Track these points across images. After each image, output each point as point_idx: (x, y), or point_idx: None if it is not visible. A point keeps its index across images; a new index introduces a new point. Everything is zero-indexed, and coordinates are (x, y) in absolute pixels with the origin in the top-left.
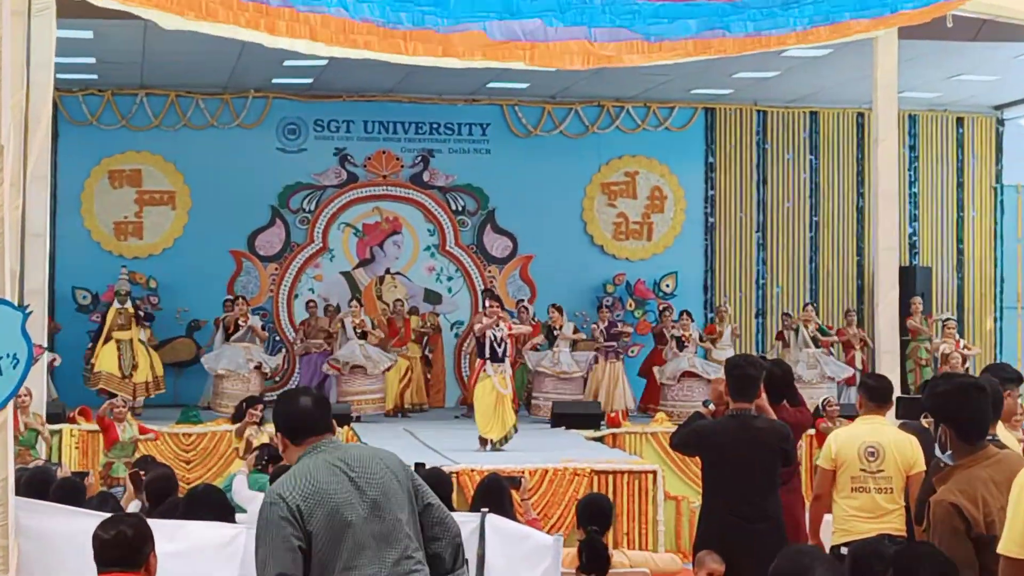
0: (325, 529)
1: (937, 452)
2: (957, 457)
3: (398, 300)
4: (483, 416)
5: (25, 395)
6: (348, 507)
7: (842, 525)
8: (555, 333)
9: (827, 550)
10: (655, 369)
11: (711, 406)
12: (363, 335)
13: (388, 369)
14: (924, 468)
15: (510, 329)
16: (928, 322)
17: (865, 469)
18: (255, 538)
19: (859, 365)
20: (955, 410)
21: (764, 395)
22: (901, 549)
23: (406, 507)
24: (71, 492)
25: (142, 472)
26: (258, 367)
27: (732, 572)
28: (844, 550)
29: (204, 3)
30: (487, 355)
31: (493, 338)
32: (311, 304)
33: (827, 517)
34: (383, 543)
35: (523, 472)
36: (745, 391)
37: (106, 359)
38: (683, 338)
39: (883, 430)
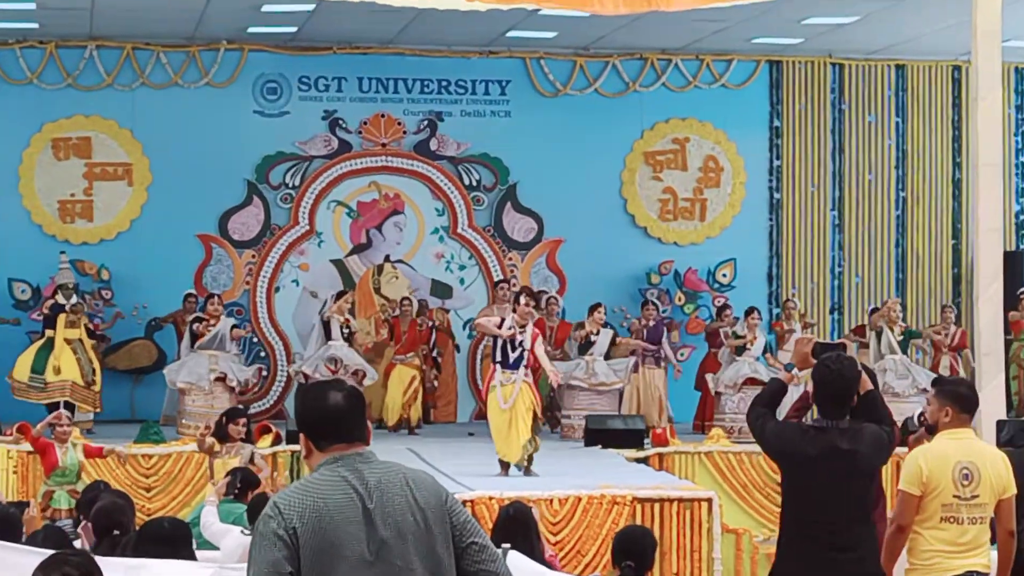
0: (314, 560)
1: None
2: None
3: (406, 299)
4: (497, 434)
5: None
6: (350, 541)
7: (924, 561)
8: (591, 339)
9: None
10: (708, 377)
11: (794, 371)
12: (348, 336)
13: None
14: (1015, 491)
15: (535, 338)
16: None
17: (959, 496)
18: (248, 553)
19: (946, 370)
20: None
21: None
22: None
23: (431, 553)
24: (4, 526)
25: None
26: (221, 379)
27: None
28: None
29: None
30: (498, 359)
31: (510, 340)
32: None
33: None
34: None
35: (550, 499)
36: (837, 402)
37: (68, 365)
38: (748, 341)
39: (975, 447)
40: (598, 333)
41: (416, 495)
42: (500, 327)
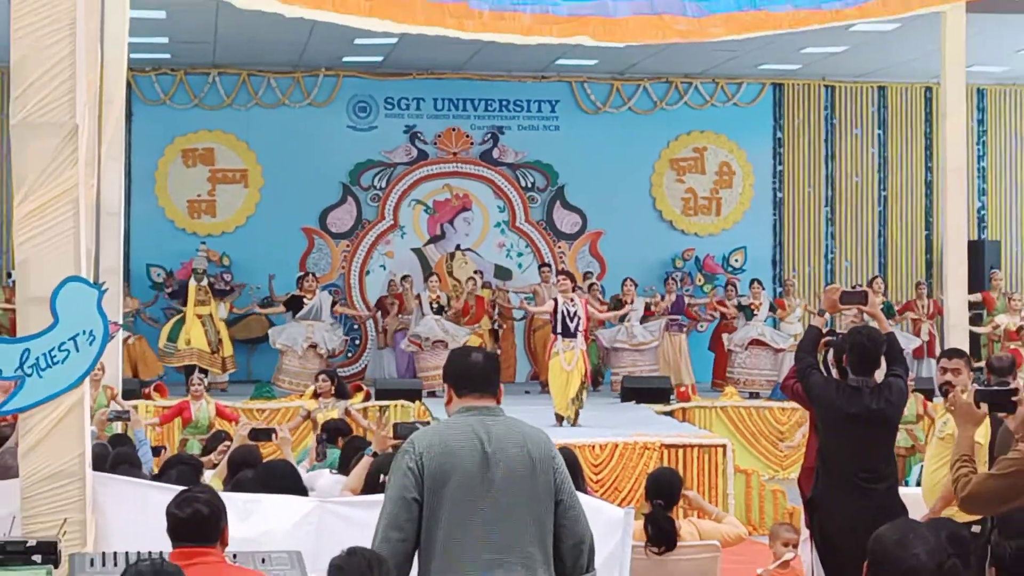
0: (433, 485)
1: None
2: None
3: (471, 279)
4: (556, 393)
5: (98, 370)
6: (466, 475)
7: None
8: (628, 310)
9: None
10: (724, 336)
11: (826, 315)
12: (439, 310)
13: (465, 343)
14: None
15: (587, 312)
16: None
17: None
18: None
19: (926, 336)
20: None
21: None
22: None
23: (536, 501)
24: (129, 464)
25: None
26: (313, 346)
27: (846, 525)
28: None
29: None
30: (559, 330)
31: (566, 312)
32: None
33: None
34: (489, 528)
35: (592, 445)
36: (866, 364)
37: (196, 335)
38: (752, 307)
39: None
40: (632, 302)
41: (530, 448)
42: (549, 306)
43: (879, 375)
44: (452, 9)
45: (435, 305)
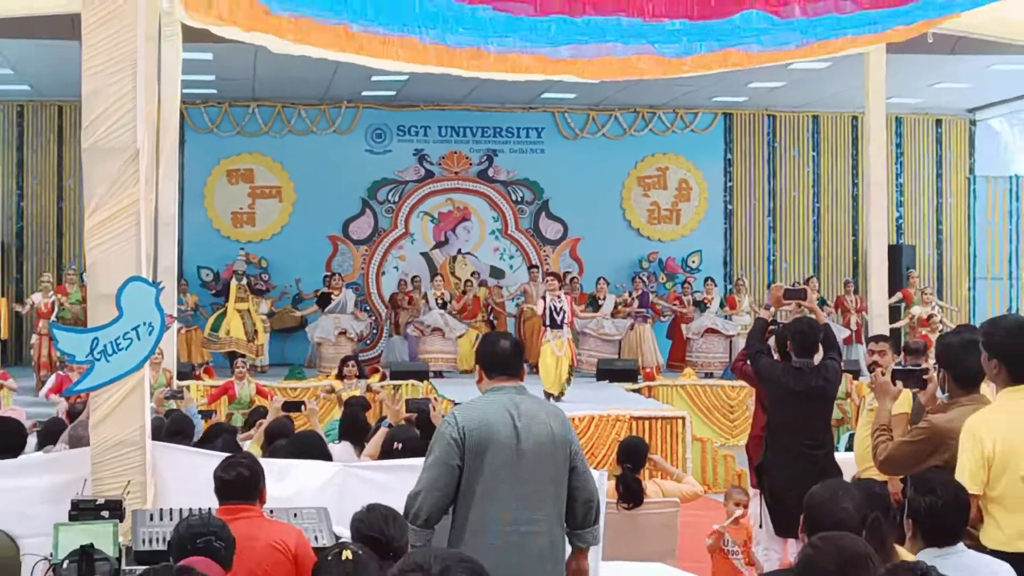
0: (475, 453)
1: (937, 392)
2: (951, 398)
3: (468, 281)
4: (544, 374)
5: (158, 355)
6: (501, 444)
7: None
8: (599, 302)
9: None
10: (682, 326)
11: (771, 309)
12: (443, 305)
13: (461, 336)
14: None
15: (571, 306)
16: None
17: None
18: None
19: (853, 326)
20: (955, 360)
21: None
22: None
23: (555, 467)
24: (181, 433)
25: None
26: (343, 332)
27: (793, 486)
28: None
29: (303, 30)
30: (547, 323)
31: (553, 308)
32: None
33: None
34: (518, 490)
35: (572, 417)
36: (807, 348)
37: (235, 326)
38: (705, 301)
39: None
40: (604, 298)
41: (551, 423)
42: (541, 305)
43: (817, 358)
44: (467, 52)
45: (439, 301)
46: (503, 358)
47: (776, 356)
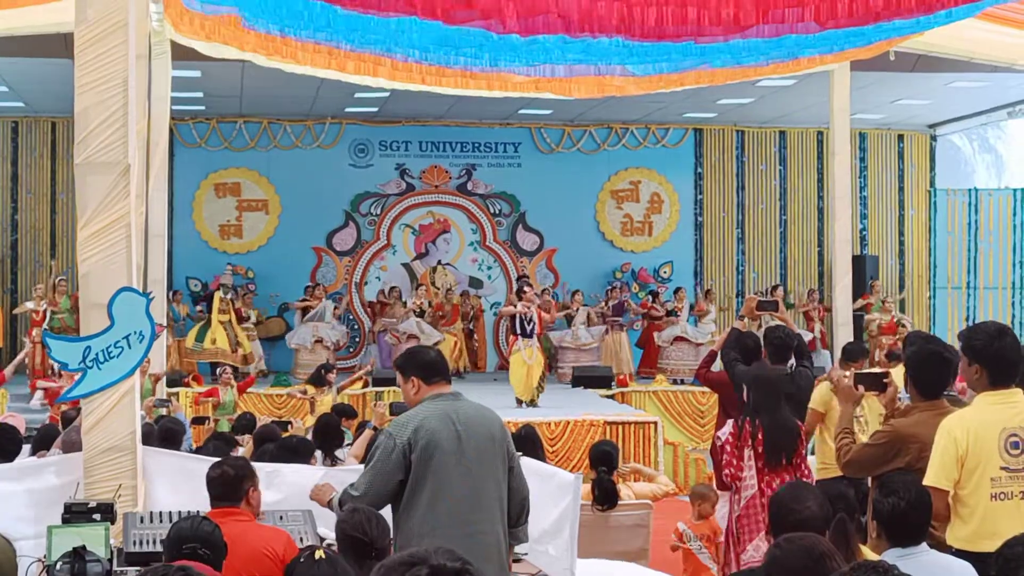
0: (420, 461)
1: (902, 393)
2: (914, 401)
3: (449, 290)
4: (516, 382)
5: (146, 363)
6: (445, 451)
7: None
8: (572, 315)
9: None
10: (655, 334)
11: (745, 319)
12: (420, 313)
13: (438, 343)
14: None
15: (540, 316)
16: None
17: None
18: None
19: (817, 333)
20: (918, 371)
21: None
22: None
23: (496, 469)
24: (170, 439)
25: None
26: (319, 340)
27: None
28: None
29: (288, 48)
30: (518, 331)
31: (523, 318)
32: (381, 292)
33: None
34: (464, 493)
35: (548, 423)
36: (781, 355)
37: (220, 337)
38: (676, 309)
39: None
40: (578, 310)
41: (490, 426)
42: (511, 310)
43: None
44: (457, 71)
45: (417, 310)
46: (436, 365)
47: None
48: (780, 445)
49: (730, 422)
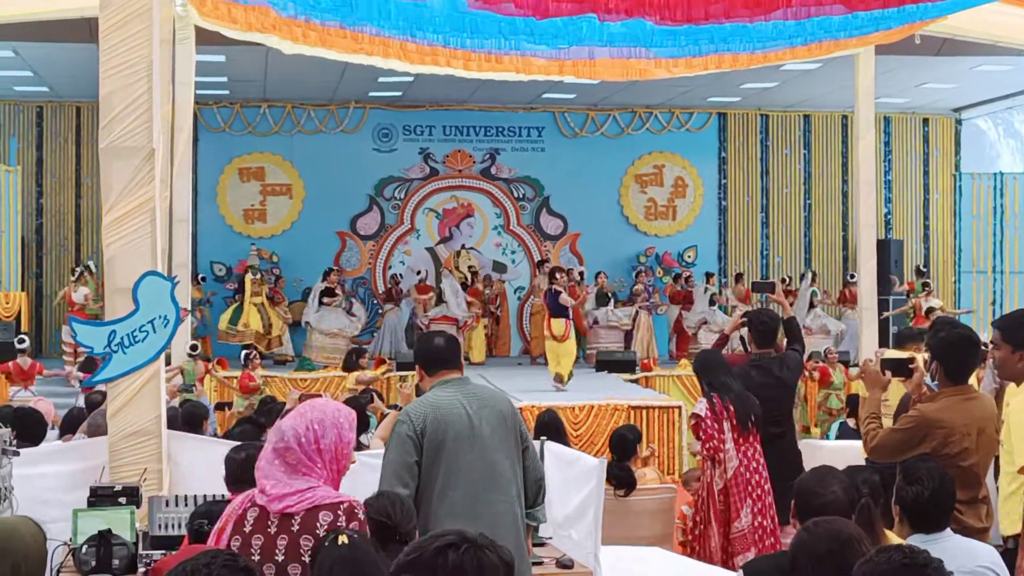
0: (432, 445)
1: (927, 380)
2: (942, 386)
3: (475, 273)
4: (569, 361)
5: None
6: (457, 433)
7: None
8: (608, 295)
9: None
10: (684, 316)
11: (738, 313)
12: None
13: (465, 324)
14: None
15: (575, 296)
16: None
17: None
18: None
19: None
20: (947, 355)
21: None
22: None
23: (509, 449)
24: (193, 422)
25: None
26: (339, 330)
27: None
28: None
29: (313, 33)
30: (554, 314)
31: (554, 296)
32: (396, 276)
33: None
34: (479, 474)
35: (572, 407)
36: (767, 339)
37: (253, 319)
38: (711, 294)
39: None
40: (612, 294)
41: (501, 408)
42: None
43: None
44: (485, 55)
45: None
46: (442, 353)
47: (749, 345)
48: (746, 413)
49: (703, 400)
